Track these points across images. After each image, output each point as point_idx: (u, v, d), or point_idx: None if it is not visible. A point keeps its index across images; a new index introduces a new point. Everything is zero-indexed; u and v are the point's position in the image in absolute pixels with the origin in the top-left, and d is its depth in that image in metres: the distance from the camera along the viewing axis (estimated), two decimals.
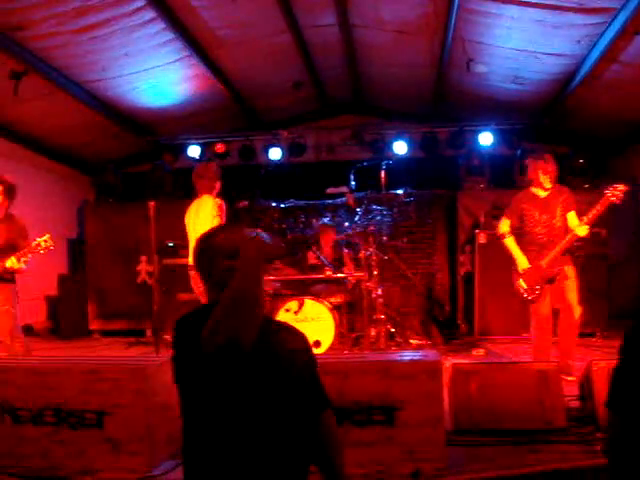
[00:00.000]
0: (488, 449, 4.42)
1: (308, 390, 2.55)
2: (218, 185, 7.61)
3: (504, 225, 6.82)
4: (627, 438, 2.40)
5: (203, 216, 7.34)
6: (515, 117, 10.51)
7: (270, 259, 2.49)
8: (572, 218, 6.53)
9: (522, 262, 6.60)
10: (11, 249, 6.38)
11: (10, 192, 6.64)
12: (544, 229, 6.60)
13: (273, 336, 2.52)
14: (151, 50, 8.38)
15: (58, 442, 4.22)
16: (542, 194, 6.71)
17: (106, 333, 11.08)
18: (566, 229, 6.53)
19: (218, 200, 7.41)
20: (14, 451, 4.30)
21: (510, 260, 6.77)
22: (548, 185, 6.69)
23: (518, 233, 6.77)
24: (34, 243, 6.35)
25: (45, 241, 6.37)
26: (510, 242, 6.75)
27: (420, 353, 4.48)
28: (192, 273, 7.23)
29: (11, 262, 6.28)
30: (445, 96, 10.42)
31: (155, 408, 4.15)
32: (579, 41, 7.48)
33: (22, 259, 6.35)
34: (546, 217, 6.60)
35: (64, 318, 11.10)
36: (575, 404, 5.12)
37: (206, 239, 2.66)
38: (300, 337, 2.61)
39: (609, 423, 2.54)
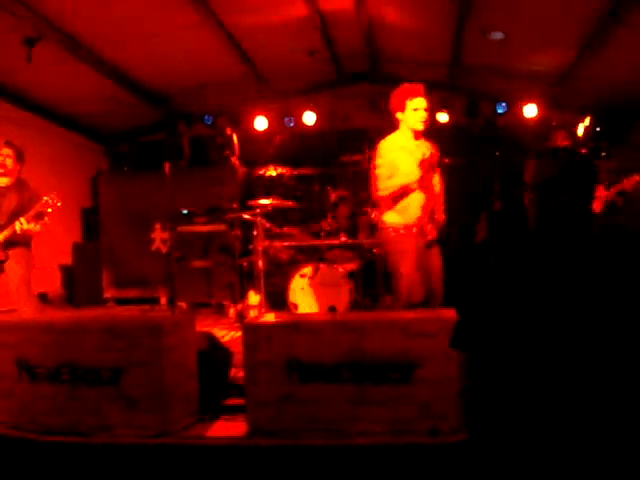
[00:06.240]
0: None
1: None
2: None
3: None
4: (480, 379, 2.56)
5: None
6: None
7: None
8: None
9: None
10: (24, 213, 6.23)
11: (20, 157, 6.54)
12: None
13: None
14: (165, 16, 8.29)
15: (74, 399, 4.23)
16: None
17: (120, 301, 11.13)
18: None
19: None
20: (31, 408, 4.32)
21: None
22: None
23: None
24: (43, 200, 6.19)
25: (52, 198, 6.21)
26: None
27: (438, 312, 4.45)
28: None
29: (19, 224, 6.13)
30: (461, 64, 10.30)
31: (171, 366, 4.15)
32: None
33: (35, 222, 6.25)
34: None
35: (78, 286, 11.18)
36: None
37: None
38: None
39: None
